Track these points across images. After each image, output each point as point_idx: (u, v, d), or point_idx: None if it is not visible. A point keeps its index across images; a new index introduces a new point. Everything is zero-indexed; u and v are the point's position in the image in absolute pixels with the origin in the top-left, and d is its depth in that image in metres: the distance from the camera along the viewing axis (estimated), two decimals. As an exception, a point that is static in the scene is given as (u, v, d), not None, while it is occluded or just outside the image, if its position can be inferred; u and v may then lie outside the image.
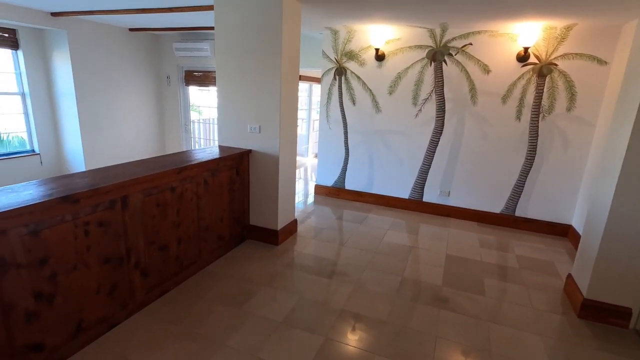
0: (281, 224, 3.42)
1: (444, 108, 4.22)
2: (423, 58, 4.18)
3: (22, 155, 5.25)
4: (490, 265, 3.26)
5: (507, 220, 4.23)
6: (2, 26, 4.75)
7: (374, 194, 4.80)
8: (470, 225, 4.27)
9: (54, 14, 4.77)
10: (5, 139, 5.29)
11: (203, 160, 2.71)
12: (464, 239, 3.83)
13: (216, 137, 8.04)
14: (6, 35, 4.83)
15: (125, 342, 2.06)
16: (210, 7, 3.72)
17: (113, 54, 5.69)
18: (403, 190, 4.64)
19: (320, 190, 5.11)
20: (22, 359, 1.69)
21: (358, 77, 4.53)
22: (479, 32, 3.91)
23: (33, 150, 5.40)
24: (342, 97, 4.68)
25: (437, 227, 4.16)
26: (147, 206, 2.25)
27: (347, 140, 4.79)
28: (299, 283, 2.79)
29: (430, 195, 4.53)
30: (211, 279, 2.78)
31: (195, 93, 6.85)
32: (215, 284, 2.72)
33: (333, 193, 5.04)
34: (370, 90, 4.50)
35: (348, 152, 4.82)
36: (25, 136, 5.37)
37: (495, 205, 4.26)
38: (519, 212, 4.17)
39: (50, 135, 5.51)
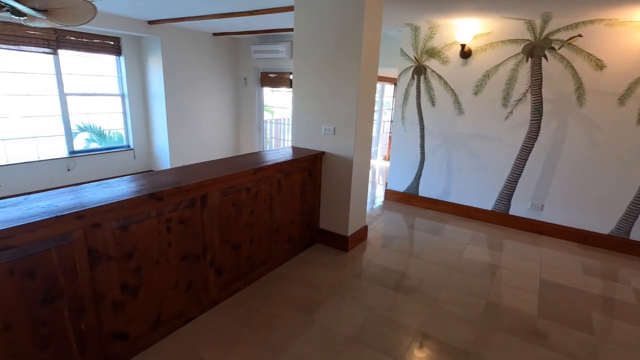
0: (351, 230, 3.27)
1: (541, 110, 3.69)
2: (518, 54, 3.70)
3: (120, 149, 5.87)
4: (599, 298, 2.74)
5: (618, 244, 3.56)
6: (109, 35, 5.34)
7: (452, 203, 4.41)
8: (569, 246, 3.67)
9: (150, 22, 5.23)
10: (107, 134, 5.96)
11: (277, 161, 2.67)
12: (561, 262, 3.30)
13: (287, 137, 8.20)
14: (112, 43, 5.43)
15: (198, 339, 2.09)
16: (290, 8, 3.72)
17: (198, 58, 6.08)
18: (486, 200, 4.18)
19: (391, 195, 4.86)
20: (108, 345, 1.78)
21: (439, 76, 4.19)
22: (591, 22, 3.33)
23: (128, 146, 6.01)
24: (420, 97, 4.37)
25: (527, 245, 3.65)
26: (223, 205, 2.26)
27: (423, 144, 4.47)
28: (369, 296, 2.62)
29: (519, 208, 4.01)
30: (280, 282, 2.74)
31: (269, 94, 7.04)
32: (284, 287, 2.67)
33: (405, 199, 4.75)
34: (453, 90, 4.13)
35: (424, 157, 4.49)
36: (123, 133, 6.00)
37: (603, 225, 3.61)
38: (634, 236, 3.47)
39: (142, 132, 6.08)
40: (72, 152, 5.31)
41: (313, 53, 3.05)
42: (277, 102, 7.37)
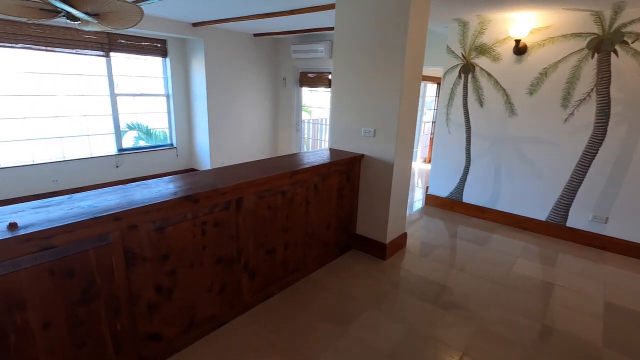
0: (390, 237, 3.11)
1: (608, 111, 3.30)
2: (582, 49, 3.34)
3: (164, 148, 6.09)
4: (679, 329, 2.37)
5: (700, 266, 3.10)
6: (156, 37, 5.55)
7: (500, 212, 4.09)
8: (639, 265, 3.26)
9: (194, 24, 5.36)
10: (154, 133, 6.22)
11: (314, 164, 2.58)
12: (630, 284, 2.92)
13: (324, 138, 8.13)
14: (159, 45, 5.64)
15: (230, 344, 2.05)
16: (331, 6, 3.62)
17: (238, 58, 6.16)
18: (539, 209, 3.83)
19: (432, 200, 4.61)
20: (143, 346, 1.78)
21: (489, 75, 3.89)
22: (674, 11, 2.92)
23: (171, 144, 6.22)
24: (467, 97, 4.10)
25: (587, 261, 3.28)
26: (259, 209, 2.21)
27: (469, 147, 4.19)
28: (408, 309, 2.45)
29: (578, 220, 3.62)
30: (314, 289, 2.65)
31: (307, 94, 6.99)
32: (317, 295, 2.58)
33: (447, 205, 4.48)
34: (504, 89, 3.82)
35: (470, 161, 4.21)
36: (167, 132, 6.23)
37: (682, 243, 3.16)
38: None
39: (185, 131, 6.27)
40: (121, 150, 5.58)
41: (354, 52, 2.92)
42: (315, 102, 7.32)
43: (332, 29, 5.29)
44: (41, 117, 4.77)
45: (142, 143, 6.18)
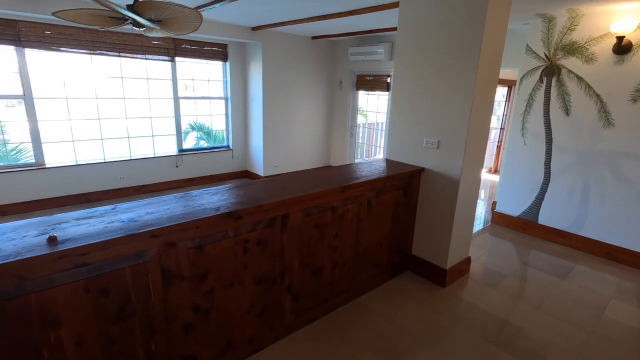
0: (452, 261, 2.76)
1: None
2: None
3: (221, 149, 6.23)
4: None
5: None
6: (217, 42, 5.69)
7: (585, 238, 3.48)
8: None
9: (254, 28, 5.39)
10: (214, 133, 6.40)
11: (368, 178, 2.34)
12: None
13: (379, 143, 7.80)
14: (220, 49, 5.77)
15: (268, 372, 1.90)
16: (393, 5, 3.35)
17: (295, 62, 6.10)
18: (637, 239, 3.18)
19: (500, 219, 4.10)
20: (177, 368, 1.69)
21: (579, 78, 3.33)
22: None
23: (228, 146, 6.35)
24: (549, 104, 3.55)
25: None
26: (305, 226, 2.03)
27: (549, 161, 3.63)
28: (472, 353, 2.10)
29: (694, 257, 2.93)
30: (362, 315, 2.40)
31: (362, 97, 6.73)
32: (366, 323, 2.33)
33: (519, 226, 3.95)
34: (599, 95, 3.24)
35: (549, 177, 3.65)
36: (224, 134, 6.38)
37: None
38: None
39: (241, 134, 6.36)
40: (181, 151, 5.80)
41: (418, 54, 2.63)
42: (372, 106, 7.03)
43: (393, 29, 5.00)
44: (112, 119, 5.11)
45: (202, 143, 6.40)
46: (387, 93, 6.01)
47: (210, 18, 4.83)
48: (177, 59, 5.38)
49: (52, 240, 1.28)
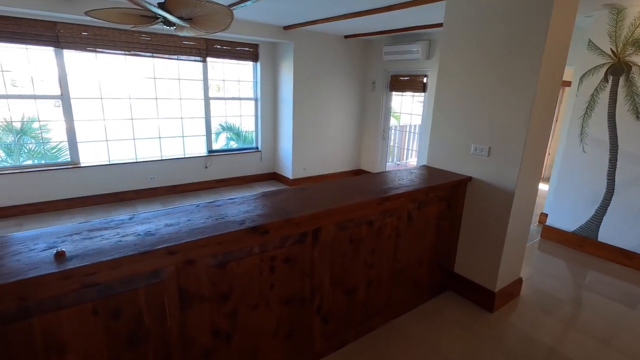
0: (501, 283, 2.44)
1: None
2: None
3: (250, 151, 6.15)
4: None
5: None
6: (249, 42, 5.60)
7: (657, 261, 3.04)
8: None
9: (285, 28, 5.25)
10: (244, 134, 6.32)
11: (409, 188, 2.09)
12: None
13: (412, 147, 7.46)
14: (251, 49, 5.68)
15: (294, 404, 1.70)
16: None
17: (327, 62, 5.90)
18: None
19: (552, 234, 3.69)
20: (195, 396, 1.53)
21: (654, 77, 2.90)
22: None
23: (257, 148, 6.26)
24: (615, 107, 3.14)
25: None
26: (339, 242, 1.81)
27: (613, 171, 3.20)
28: (529, 395, 1.80)
29: None
30: (399, 339, 2.15)
31: (395, 99, 6.43)
32: (403, 349, 2.08)
33: (574, 242, 3.53)
34: (678, 96, 2.80)
35: (613, 189, 3.22)
36: (253, 135, 6.29)
37: None
38: None
39: (270, 135, 6.25)
40: (210, 151, 5.76)
41: (469, 49, 2.34)
42: (405, 108, 6.70)
43: (431, 26, 4.69)
44: (144, 119, 5.14)
45: (232, 144, 6.36)
46: (422, 94, 5.69)
47: (242, 17, 4.73)
48: (208, 59, 5.34)
49: (59, 256, 1.14)
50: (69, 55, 4.37)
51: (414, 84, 5.75)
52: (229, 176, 5.92)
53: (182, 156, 5.50)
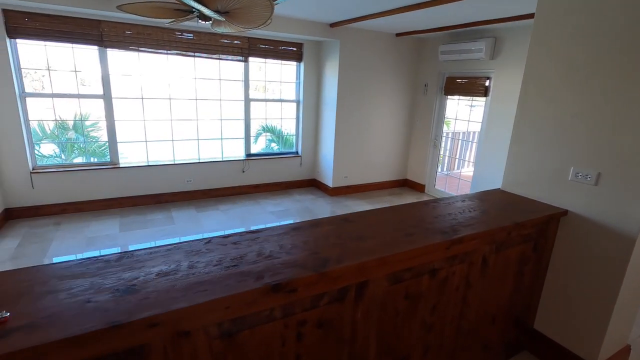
0: (606, 352, 1.83)
1: None
2: None
3: (289, 155, 5.83)
4: None
5: None
6: (293, 41, 5.28)
7: None
8: None
9: (332, 25, 4.85)
10: (285, 136, 6.03)
11: (487, 227, 1.57)
12: None
13: (467, 157, 6.73)
14: (295, 49, 5.35)
15: None
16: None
17: (375, 62, 5.42)
18: None
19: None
20: None
21: None
22: None
23: (297, 152, 5.92)
24: None
25: None
26: (391, 298, 1.36)
27: None
28: None
29: None
30: (461, 422, 1.64)
31: (450, 103, 5.77)
32: None
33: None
34: None
35: None
36: (293, 139, 5.97)
37: None
38: None
39: (311, 140, 5.88)
40: (248, 155, 5.52)
41: (568, 46, 1.77)
42: (462, 114, 6.02)
43: (497, 21, 4.04)
44: (183, 120, 4.99)
45: (273, 146, 6.10)
46: (483, 99, 5.01)
47: (285, 14, 4.41)
48: (250, 59, 5.09)
49: (1, 324, 0.81)
50: (112, 54, 4.30)
51: (473, 87, 5.09)
52: (266, 181, 5.64)
53: (220, 159, 5.30)
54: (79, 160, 4.96)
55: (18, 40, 3.84)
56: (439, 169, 6.05)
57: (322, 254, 1.23)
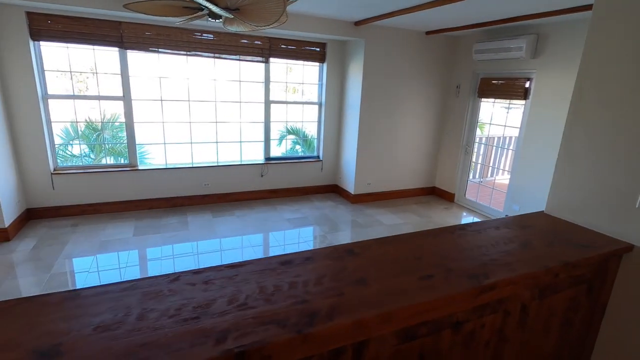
0: None
1: None
2: None
3: (309, 160, 5.61)
4: None
5: None
6: (316, 41, 5.05)
7: None
8: None
9: (356, 23, 4.58)
10: (310, 139, 5.82)
11: (528, 269, 1.25)
12: None
13: (504, 165, 6.22)
14: (318, 49, 5.12)
15: None
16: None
17: (404, 62, 5.08)
18: None
19: None
20: None
21: None
22: None
23: (318, 157, 5.69)
24: None
25: None
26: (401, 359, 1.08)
27: None
28: None
29: None
30: None
31: (484, 106, 5.31)
32: None
33: None
34: None
35: None
36: (315, 143, 5.74)
37: None
38: None
39: (333, 144, 5.63)
40: (268, 159, 5.35)
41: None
42: (497, 117, 5.54)
43: (540, 15, 3.59)
44: (202, 122, 4.89)
45: (298, 148, 5.92)
46: (522, 102, 4.56)
47: (308, 12, 4.18)
48: (271, 59, 4.92)
49: None
50: (132, 55, 4.26)
51: (511, 89, 4.64)
52: (285, 186, 5.44)
53: (238, 162, 5.17)
54: (106, 160, 5.03)
55: (41, 43, 3.86)
56: (470, 176, 5.61)
57: (312, 302, 0.97)
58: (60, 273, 3.11)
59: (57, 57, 4.04)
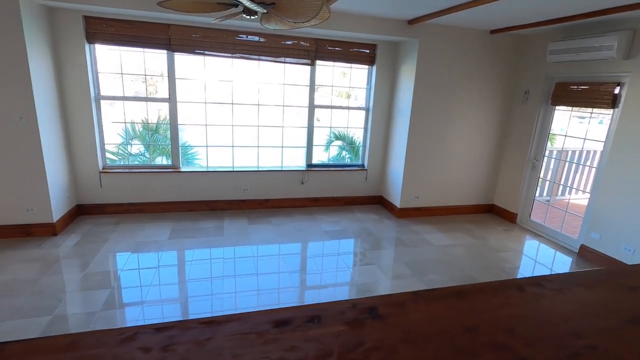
0: None
1: None
2: None
3: (352, 169, 5.29)
4: None
5: None
6: (365, 42, 4.72)
7: None
8: None
9: (410, 22, 4.19)
10: (357, 145, 5.52)
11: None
12: None
13: (581, 185, 5.40)
14: (367, 51, 4.80)
15: None
16: None
17: (462, 64, 4.56)
18: None
19: None
20: None
21: None
22: None
23: (362, 165, 5.35)
24: None
25: None
26: None
27: None
28: None
29: None
30: None
31: (558, 115, 4.58)
32: None
33: None
34: None
35: None
36: (360, 151, 5.40)
37: None
38: None
39: (379, 153, 5.25)
40: (309, 165, 5.12)
41: None
42: (574, 129, 4.76)
43: (637, 6, 2.94)
44: (245, 126, 4.80)
45: (344, 155, 5.67)
46: (610, 110, 3.83)
47: (357, 10, 3.89)
48: (317, 62, 4.69)
49: None
50: (178, 58, 4.28)
51: (595, 95, 3.93)
52: (327, 195, 5.17)
53: (279, 168, 5.00)
54: (160, 160, 5.18)
55: (95, 45, 4.00)
56: (538, 193, 4.89)
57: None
58: (93, 273, 3.12)
59: (109, 60, 4.17)
